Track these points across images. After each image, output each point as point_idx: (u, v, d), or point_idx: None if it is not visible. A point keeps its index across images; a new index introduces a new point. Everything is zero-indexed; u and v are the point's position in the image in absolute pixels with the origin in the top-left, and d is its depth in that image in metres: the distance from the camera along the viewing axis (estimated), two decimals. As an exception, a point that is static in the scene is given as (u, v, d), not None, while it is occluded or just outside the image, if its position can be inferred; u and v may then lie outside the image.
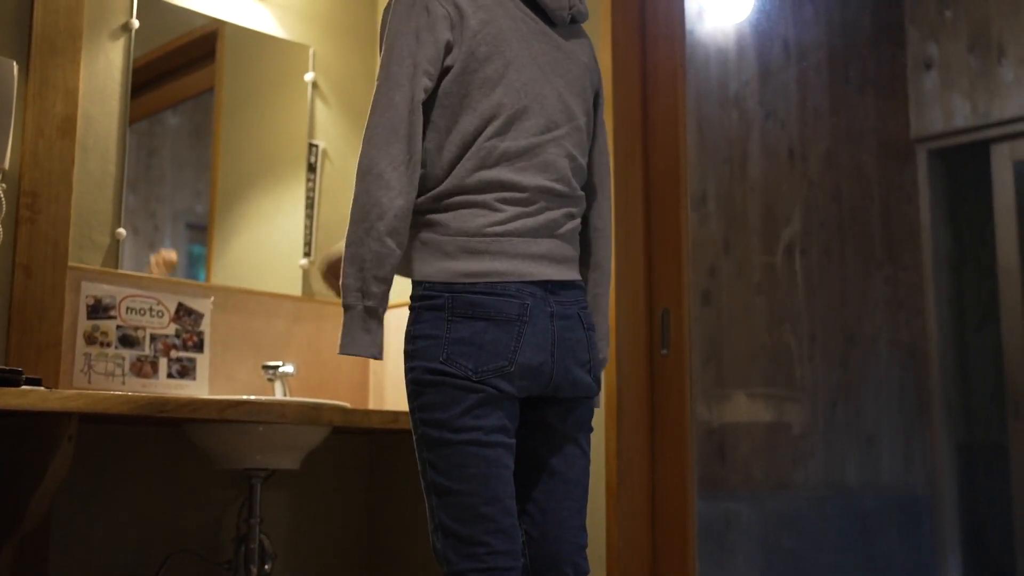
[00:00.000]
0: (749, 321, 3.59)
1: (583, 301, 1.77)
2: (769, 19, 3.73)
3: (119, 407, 2.04)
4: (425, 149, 1.69)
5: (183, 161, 3.05)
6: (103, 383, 2.55)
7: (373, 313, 1.63)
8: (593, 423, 1.83)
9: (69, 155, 2.51)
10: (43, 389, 1.97)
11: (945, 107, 4.19)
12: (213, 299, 2.78)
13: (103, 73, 2.68)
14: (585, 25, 1.95)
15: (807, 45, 3.89)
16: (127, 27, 2.74)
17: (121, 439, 2.60)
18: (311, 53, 3.11)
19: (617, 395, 2.56)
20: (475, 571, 1.60)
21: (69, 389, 2.43)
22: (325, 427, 2.49)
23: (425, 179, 1.69)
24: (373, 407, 3.07)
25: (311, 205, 3.07)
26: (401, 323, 1.72)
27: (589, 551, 1.80)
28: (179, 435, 2.57)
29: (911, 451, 4.15)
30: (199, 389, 2.71)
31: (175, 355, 2.68)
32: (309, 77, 3.10)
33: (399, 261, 1.65)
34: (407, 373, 1.67)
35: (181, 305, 2.71)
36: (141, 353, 2.63)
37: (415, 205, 1.68)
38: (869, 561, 3.86)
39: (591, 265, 1.88)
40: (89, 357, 2.54)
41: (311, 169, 3.08)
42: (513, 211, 1.68)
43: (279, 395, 2.72)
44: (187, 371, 2.69)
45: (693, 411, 2.64)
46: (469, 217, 1.67)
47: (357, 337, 1.63)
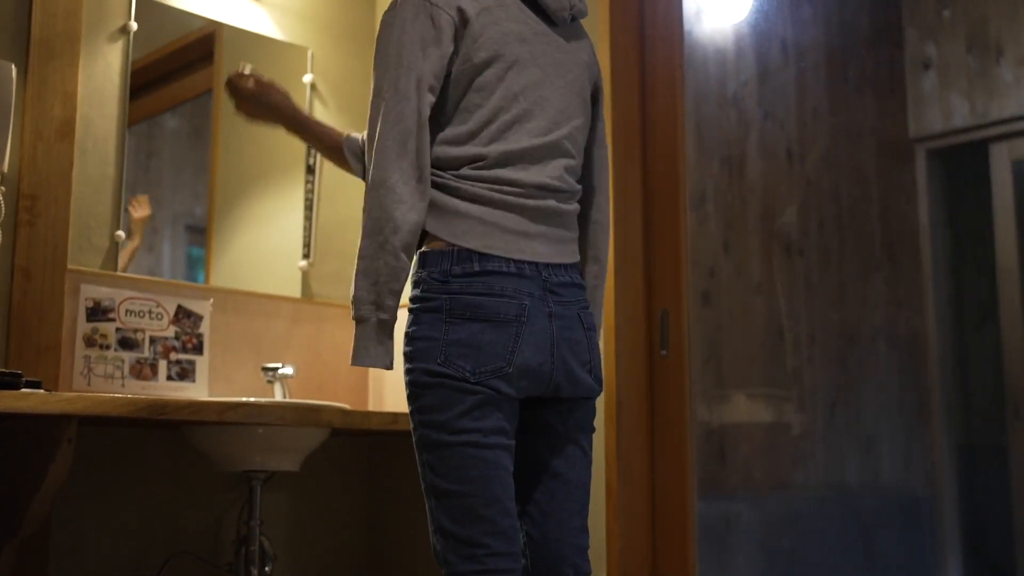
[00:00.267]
0: (748, 321, 3.59)
1: (583, 301, 1.77)
2: (767, 19, 3.73)
3: (119, 409, 2.04)
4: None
5: (182, 163, 3.05)
6: (103, 385, 2.55)
7: (386, 326, 1.64)
8: (594, 423, 1.83)
9: (68, 158, 2.51)
10: (43, 392, 1.97)
11: (944, 107, 4.19)
12: (212, 301, 2.78)
13: (102, 76, 2.68)
14: (584, 26, 1.95)
15: (805, 45, 3.89)
16: (125, 29, 2.74)
17: (121, 441, 2.60)
18: (309, 55, 3.11)
19: (617, 396, 2.56)
20: (475, 573, 1.60)
21: (69, 392, 2.43)
22: (325, 429, 2.49)
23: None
24: (372, 409, 3.07)
25: (310, 207, 3.07)
26: (400, 325, 1.72)
27: (589, 551, 1.80)
28: (179, 437, 2.57)
29: (911, 451, 4.15)
30: (199, 391, 2.71)
31: (174, 357, 2.68)
32: (307, 79, 3.10)
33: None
34: (406, 375, 1.67)
35: (180, 307, 2.71)
36: (140, 355, 2.63)
37: None
38: (869, 561, 3.85)
39: (590, 258, 1.89)
40: (89, 359, 2.54)
41: (310, 171, 3.08)
42: (513, 201, 1.70)
43: (279, 397, 2.72)
44: (187, 373, 2.69)
45: (693, 412, 2.65)
46: (471, 201, 1.69)
47: (371, 349, 1.64)
